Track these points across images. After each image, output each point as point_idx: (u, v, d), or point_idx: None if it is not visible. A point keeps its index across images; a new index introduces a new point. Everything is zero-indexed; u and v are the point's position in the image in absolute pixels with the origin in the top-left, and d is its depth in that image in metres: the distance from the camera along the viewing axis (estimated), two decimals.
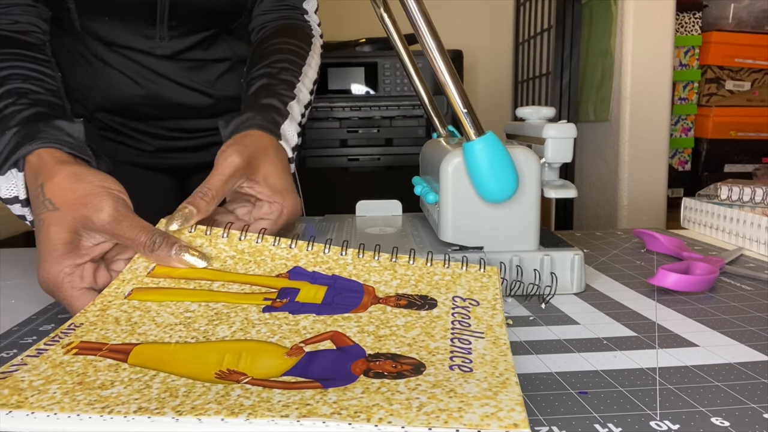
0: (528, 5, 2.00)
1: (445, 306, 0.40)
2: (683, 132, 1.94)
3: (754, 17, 1.87)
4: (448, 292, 0.42)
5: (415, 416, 0.26)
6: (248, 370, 0.31)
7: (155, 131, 0.82)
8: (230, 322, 0.37)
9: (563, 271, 0.50)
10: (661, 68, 1.56)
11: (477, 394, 0.28)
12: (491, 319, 0.38)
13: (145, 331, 0.36)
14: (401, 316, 0.38)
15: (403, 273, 0.45)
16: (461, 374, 0.30)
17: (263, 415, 0.26)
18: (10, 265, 0.64)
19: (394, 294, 0.42)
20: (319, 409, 0.27)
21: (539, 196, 0.50)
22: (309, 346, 0.34)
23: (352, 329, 0.36)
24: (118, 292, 0.42)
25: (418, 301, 0.41)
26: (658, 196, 1.61)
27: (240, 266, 0.46)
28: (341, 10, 1.97)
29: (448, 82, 0.46)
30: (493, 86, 2.20)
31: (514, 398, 0.27)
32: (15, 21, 0.61)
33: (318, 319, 0.38)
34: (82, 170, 0.46)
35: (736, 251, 0.63)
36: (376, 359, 0.32)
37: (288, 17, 0.76)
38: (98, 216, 0.43)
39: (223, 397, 0.28)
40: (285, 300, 0.41)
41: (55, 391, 0.29)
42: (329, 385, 0.29)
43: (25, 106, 0.52)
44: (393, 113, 1.73)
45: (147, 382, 0.30)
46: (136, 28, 0.73)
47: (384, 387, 0.29)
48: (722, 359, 0.36)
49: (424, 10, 0.46)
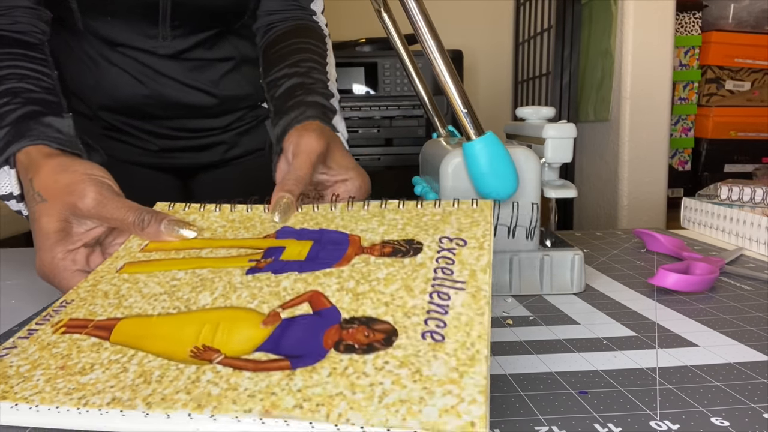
0: (528, 5, 2.00)
1: (431, 250, 0.39)
2: (683, 132, 1.94)
3: (754, 17, 1.87)
4: (436, 233, 0.41)
5: (375, 411, 0.26)
6: (223, 345, 0.33)
7: (159, 131, 0.82)
8: (213, 288, 0.39)
9: (563, 271, 0.50)
10: (661, 68, 1.56)
11: (442, 377, 0.28)
12: (476, 262, 0.37)
13: (131, 304, 0.38)
14: (383, 266, 0.38)
15: (392, 218, 0.44)
16: (432, 345, 0.30)
17: (228, 409, 0.28)
18: (10, 265, 0.64)
19: (379, 242, 0.41)
20: (284, 400, 0.28)
21: (539, 196, 0.50)
22: (286, 311, 0.35)
23: (332, 287, 0.37)
24: (111, 267, 0.43)
25: (403, 247, 0.40)
26: (658, 196, 1.61)
27: (229, 233, 0.46)
28: (341, 10, 1.97)
29: (448, 82, 0.46)
30: (493, 86, 2.20)
31: (478, 383, 0.27)
32: (15, 22, 0.62)
33: (299, 277, 0.38)
34: (66, 161, 0.48)
35: (736, 251, 0.63)
36: (350, 325, 0.33)
37: (298, 18, 0.76)
38: (83, 202, 0.45)
39: (193, 383, 0.30)
40: (269, 259, 0.41)
41: (39, 377, 0.32)
42: (298, 364, 0.30)
43: (18, 105, 0.53)
44: (393, 113, 1.73)
45: (125, 364, 0.32)
46: (138, 27, 0.73)
47: (351, 367, 0.29)
48: (722, 359, 0.36)
49: (424, 10, 0.47)
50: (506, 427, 0.29)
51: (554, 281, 0.50)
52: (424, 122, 1.73)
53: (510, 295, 0.50)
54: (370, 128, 1.73)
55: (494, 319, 0.44)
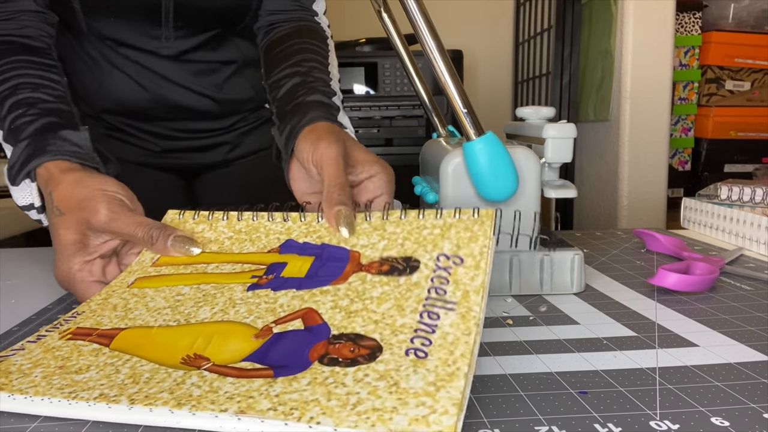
0: (528, 5, 2.00)
1: (427, 269, 0.39)
2: (683, 132, 1.94)
3: (754, 17, 1.87)
4: (434, 250, 0.40)
5: (346, 417, 0.27)
6: (213, 355, 0.34)
7: (162, 132, 0.82)
8: (214, 303, 0.40)
9: (563, 271, 0.50)
10: (661, 68, 1.56)
11: (418, 390, 0.29)
12: (470, 282, 0.36)
13: (135, 316, 0.40)
14: (379, 285, 0.38)
15: (392, 231, 0.44)
16: (414, 361, 0.31)
17: (205, 408, 0.29)
18: (10, 265, 0.64)
19: (378, 259, 0.41)
20: (260, 403, 0.29)
21: (539, 196, 0.50)
22: (279, 326, 0.36)
23: (327, 304, 0.37)
24: (123, 282, 0.45)
25: (401, 265, 0.40)
26: (658, 196, 1.61)
27: (236, 246, 0.47)
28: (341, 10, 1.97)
29: (448, 82, 0.46)
30: (493, 86, 2.20)
31: (453, 397, 0.28)
32: (23, 26, 0.62)
33: (296, 294, 0.39)
34: (82, 176, 0.50)
35: (736, 251, 0.63)
36: (337, 341, 0.33)
37: (300, 18, 0.76)
38: (96, 218, 0.47)
39: (178, 385, 0.31)
40: (271, 276, 0.42)
41: (37, 374, 0.34)
42: (280, 374, 0.31)
43: (35, 116, 0.55)
44: (393, 113, 1.73)
45: (118, 367, 0.34)
46: (141, 28, 0.73)
47: (332, 377, 0.30)
48: (722, 359, 0.36)
49: (424, 10, 0.47)
50: (506, 427, 0.29)
51: (554, 281, 0.50)
52: (424, 122, 1.73)
53: (510, 295, 0.50)
54: (370, 128, 1.73)
55: (494, 319, 0.44)
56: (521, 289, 0.50)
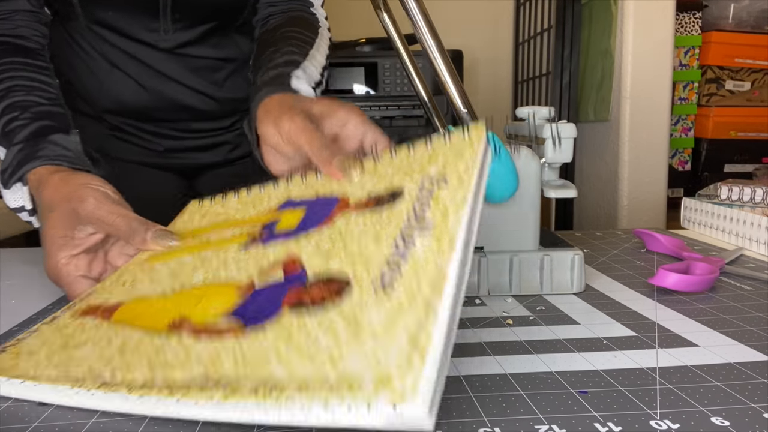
0: (528, 5, 2.00)
1: (411, 196, 0.36)
2: (683, 132, 1.94)
3: (754, 17, 1.87)
4: (420, 174, 0.38)
5: (301, 375, 0.25)
6: (196, 316, 0.34)
7: (164, 132, 0.82)
8: (208, 266, 0.40)
9: (563, 271, 0.50)
10: (661, 68, 1.56)
11: (378, 331, 0.25)
12: (451, 199, 0.33)
13: (138, 289, 0.41)
14: (362, 222, 0.36)
15: (384, 171, 0.41)
16: (380, 296, 0.28)
17: (174, 376, 0.29)
18: (10, 265, 0.64)
19: (366, 198, 0.39)
20: (223, 366, 0.28)
21: (539, 196, 0.50)
22: (261, 280, 0.36)
23: (309, 249, 0.36)
24: (138, 259, 0.47)
25: (386, 199, 0.38)
26: (658, 196, 1.61)
27: (239, 213, 0.48)
28: (341, 10, 1.97)
29: (448, 82, 0.47)
30: (493, 86, 2.20)
31: (417, 342, 0.24)
32: (16, 26, 0.63)
33: (284, 244, 0.39)
34: (68, 175, 0.51)
35: (736, 251, 0.63)
36: (310, 285, 0.33)
37: (294, 9, 0.77)
38: (82, 206, 0.47)
39: (157, 352, 0.32)
40: (264, 233, 0.42)
41: (42, 353, 0.35)
42: (251, 323, 0.31)
43: (28, 120, 0.56)
44: (393, 113, 1.73)
45: (111, 339, 0.35)
46: (139, 21, 0.73)
47: (297, 323, 0.29)
48: (722, 359, 0.36)
49: (424, 10, 0.47)
50: (506, 427, 0.29)
51: (554, 281, 0.50)
52: (424, 122, 1.72)
53: (510, 295, 0.50)
54: None
55: (494, 319, 0.44)
56: (521, 289, 0.50)
